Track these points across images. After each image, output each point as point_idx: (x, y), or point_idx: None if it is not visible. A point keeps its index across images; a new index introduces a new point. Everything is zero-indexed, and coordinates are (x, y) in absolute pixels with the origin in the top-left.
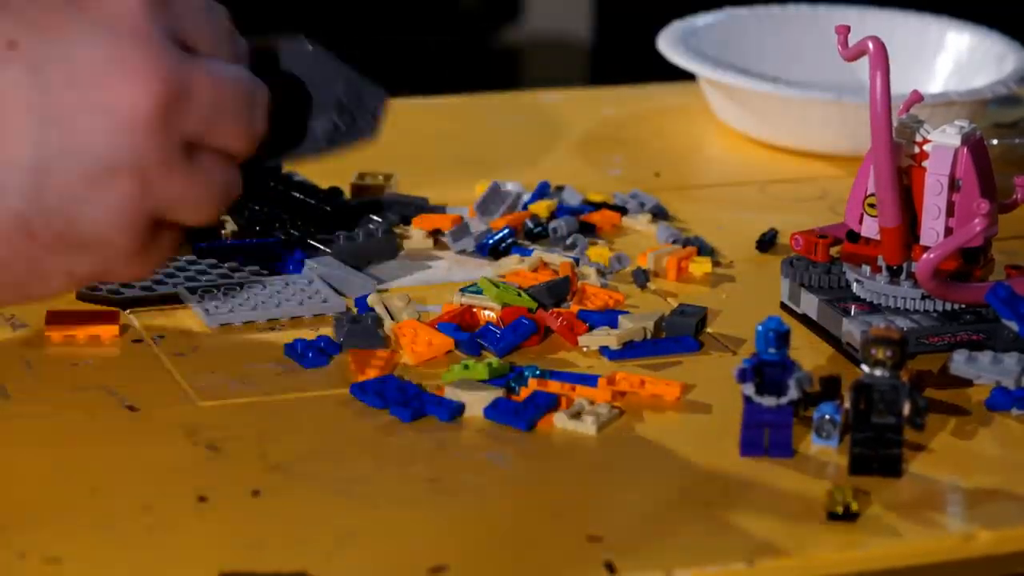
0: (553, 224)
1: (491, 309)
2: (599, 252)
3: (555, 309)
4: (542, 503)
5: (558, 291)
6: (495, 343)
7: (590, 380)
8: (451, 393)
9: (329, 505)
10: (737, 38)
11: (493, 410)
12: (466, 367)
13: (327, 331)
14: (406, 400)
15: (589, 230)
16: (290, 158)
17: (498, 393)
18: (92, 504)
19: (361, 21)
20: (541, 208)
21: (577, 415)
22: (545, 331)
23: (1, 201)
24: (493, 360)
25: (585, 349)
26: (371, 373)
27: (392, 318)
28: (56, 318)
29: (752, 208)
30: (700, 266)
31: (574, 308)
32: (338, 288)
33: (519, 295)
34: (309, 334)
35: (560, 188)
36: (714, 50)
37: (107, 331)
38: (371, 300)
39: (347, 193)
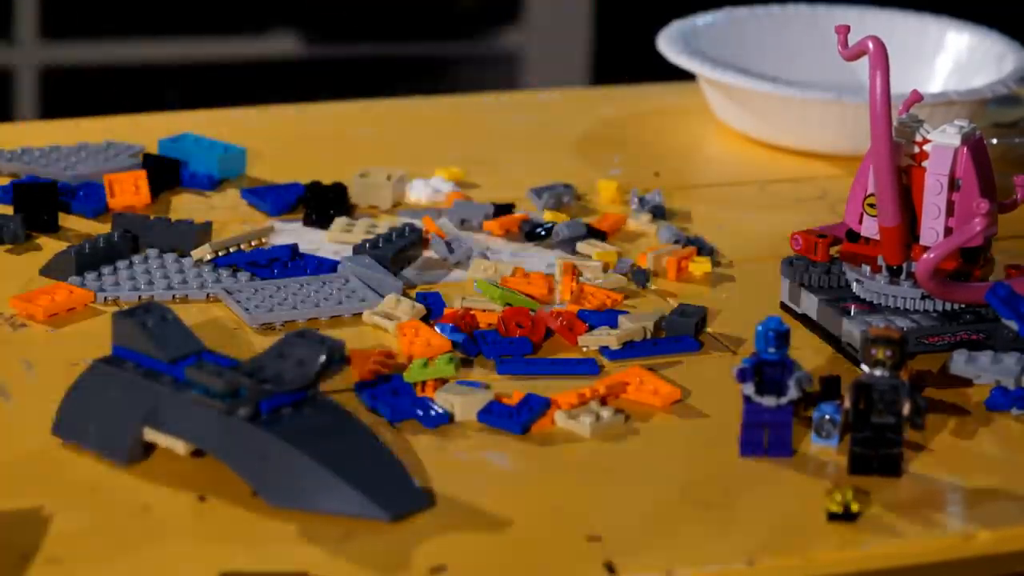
0: (556, 226)
1: (492, 311)
2: (603, 254)
3: (555, 309)
4: (542, 503)
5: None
6: (489, 350)
7: (589, 367)
8: (442, 398)
9: None
10: (737, 38)
11: (487, 414)
12: (425, 364)
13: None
14: (396, 402)
15: (595, 234)
16: None
17: (490, 396)
18: (92, 504)
19: (361, 21)
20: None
21: (577, 416)
22: (546, 332)
23: None
24: (455, 355)
25: (585, 349)
26: (370, 373)
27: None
28: (26, 299)
29: (752, 208)
30: (700, 266)
31: (573, 308)
32: (371, 286)
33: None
34: None
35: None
36: (714, 50)
37: (82, 298)
38: (365, 317)
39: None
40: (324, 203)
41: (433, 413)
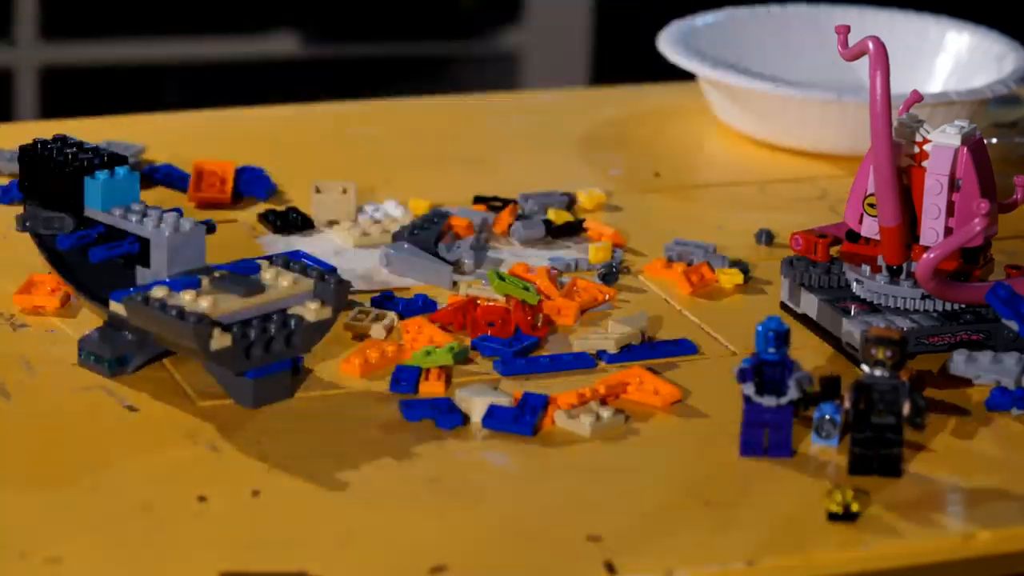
0: (512, 227)
1: (495, 301)
2: (598, 251)
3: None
4: (542, 503)
5: None
6: (493, 353)
7: (585, 361)
8: (460, 398)
9: (329, 505)
10: (737, 38)
11: (490, 419)
12: (428, 353)
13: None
14: (410, 403)
15: (559, 232)
16: None
17: (489, 400)
18: (92, 504)
19: (361, 21)
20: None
21: (577, 416)
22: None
23: None
24: (455, 344)
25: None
26: (369, 368)
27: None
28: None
29: (752, 208)
30: (731, 278)
31: (574, 304)
32: (414, 274)
33: (525, 288)
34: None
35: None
36: (714, 50)
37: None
38: (346, 325)
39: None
40: (287, 225)
41: (448, 415)
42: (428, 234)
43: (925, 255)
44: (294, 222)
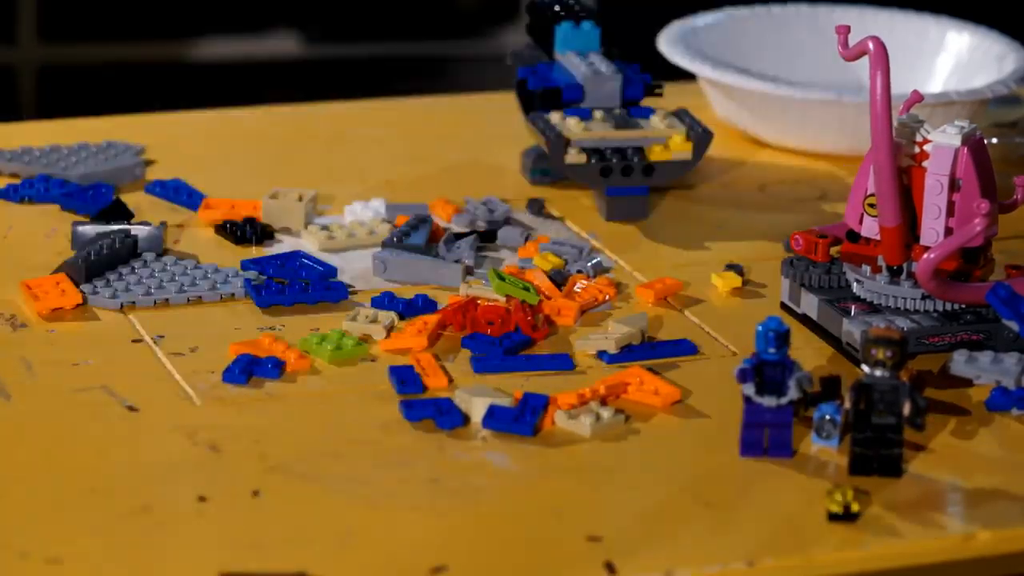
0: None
1: (495, 301)
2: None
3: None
4: (542, 503)
5: None
6: (487, 351)
7: (563, 362)
8: (460, 398)
9: (329, 505)
10: (737, 38)
11: (490, 419)
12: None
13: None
14: (412, 403)
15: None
16: None
17: (489, 400)
18: (92, 504)
19: (361, 21)
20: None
21: (577, 416)
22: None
23: None
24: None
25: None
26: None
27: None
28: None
29: (752, 208)
30: (728, 281)
31: (574, 304)
32: (417, 278)
33: (525, 288)
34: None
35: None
36: (714, 50)
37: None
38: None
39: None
40: (242, 234)
41: (443, 418)
42: (418, 236)
43: (925, 255)
44: (255, 232)
